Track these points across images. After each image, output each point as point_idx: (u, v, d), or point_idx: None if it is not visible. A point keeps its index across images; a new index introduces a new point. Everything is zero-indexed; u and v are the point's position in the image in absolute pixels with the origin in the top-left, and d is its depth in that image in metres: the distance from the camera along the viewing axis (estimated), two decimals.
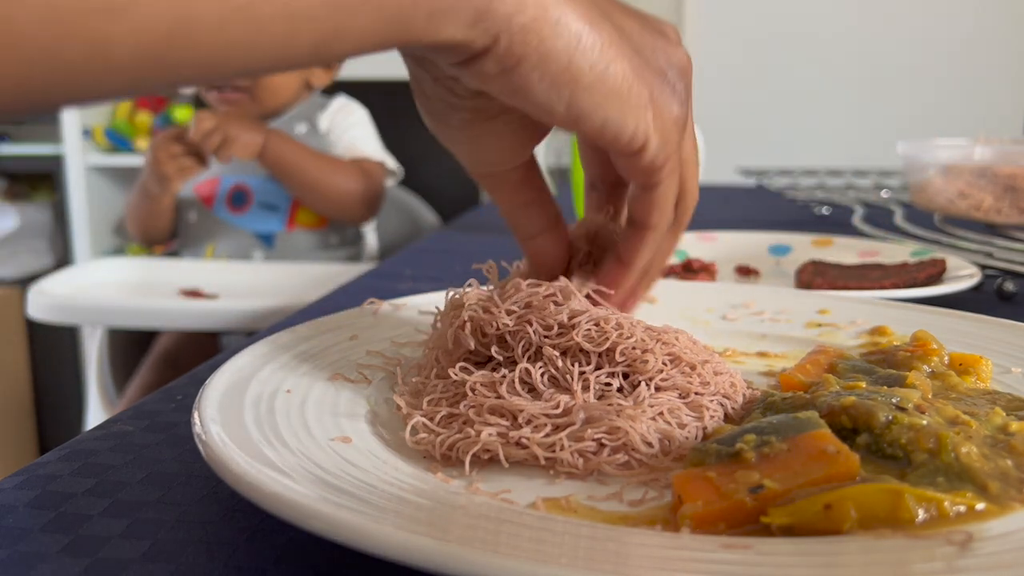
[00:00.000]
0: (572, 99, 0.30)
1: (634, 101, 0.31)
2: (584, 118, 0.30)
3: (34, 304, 1.06)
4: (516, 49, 0.28)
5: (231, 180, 1.48)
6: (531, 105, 0.30)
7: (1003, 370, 0.41)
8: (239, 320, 1.03)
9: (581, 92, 0.30)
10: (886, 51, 2.13)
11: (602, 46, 0.29)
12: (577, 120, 0.30)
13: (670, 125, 0.32)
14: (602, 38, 0.30)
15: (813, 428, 0.29)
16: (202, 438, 0.29)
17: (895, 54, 2.13)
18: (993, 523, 0.25)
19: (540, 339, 0.36)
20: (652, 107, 0.31)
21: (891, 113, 2.12)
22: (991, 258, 0.77)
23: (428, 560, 0.21)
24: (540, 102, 0.30)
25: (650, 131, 0.32)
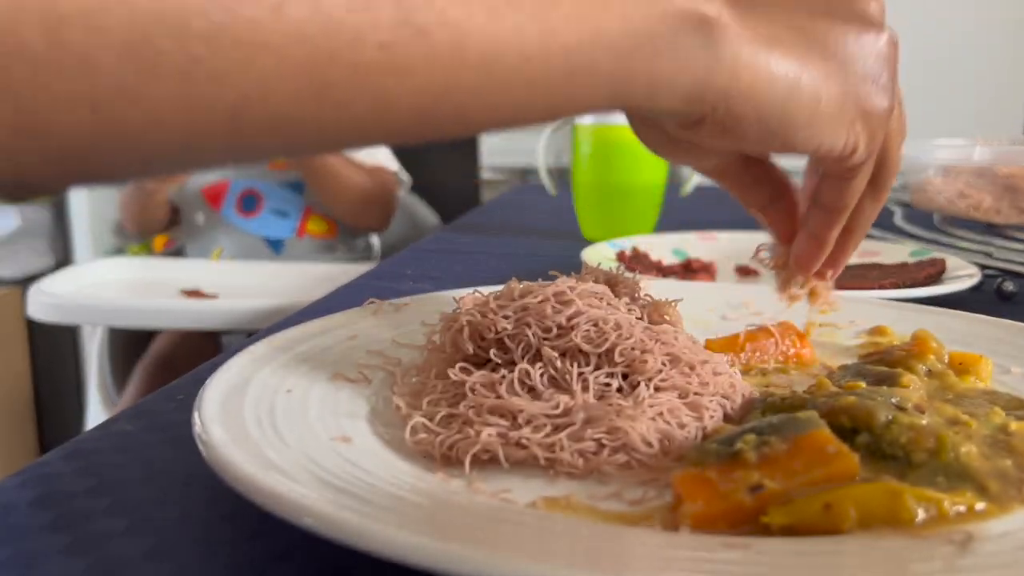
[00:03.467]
0: (787, 138, 0.31)
1: (844, 120, 0.32)
2: (798, 148, 0.32)
3: (34, 304, 1.06)
4: (734, 112, 0.29)
5: (242, 184, 1.48)
6: (747, 148, 0.33)
7: (1003, 370, 0.41)
8: (239, 320, 1.03)
9: (796, 132, 0.31)
10: None
11: (812, 84, 0.31)
12: (790, 150, 0.32)
13: (877, 123, 0.33)
14: (811, 74, 0.31)
15: (813, 428, 0.29)
16: (203, 438, 0.29)
17: None
18: (993, 523, 0.26)
19: (539, 341, 0.36)
20: (860, 116, 0.33)
21: None
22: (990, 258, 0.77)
23: (428, 560, 0.21)
24: (755, 146, 0.32)
25: (859, 139, 0.33)
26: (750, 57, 0.29)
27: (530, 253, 0.89)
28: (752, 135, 0.31)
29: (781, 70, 0.30)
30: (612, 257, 0.75)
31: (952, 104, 2.11)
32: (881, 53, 0.33)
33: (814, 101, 0.31)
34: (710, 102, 0.29)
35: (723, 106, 0.29)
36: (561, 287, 0.37)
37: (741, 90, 0.29)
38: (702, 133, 0.31)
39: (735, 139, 0.31)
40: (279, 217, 1.47)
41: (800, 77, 0.30)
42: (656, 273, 0.72)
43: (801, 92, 0.30)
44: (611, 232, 0.90)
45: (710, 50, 0.28)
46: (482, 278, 0.74)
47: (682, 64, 0.27)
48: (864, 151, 0.34)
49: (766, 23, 0.30)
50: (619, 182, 0.90)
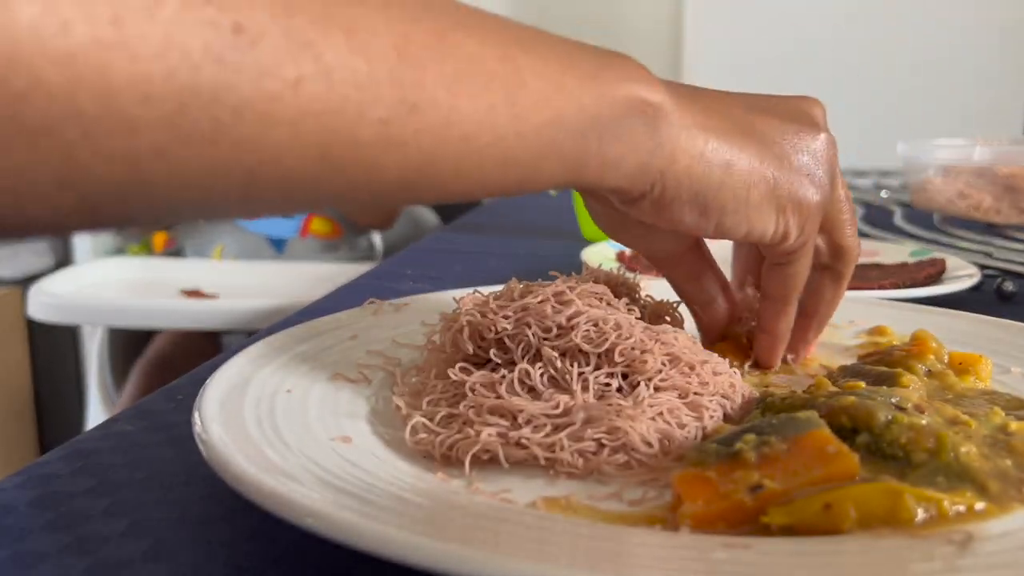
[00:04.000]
0: (719, 222, 0.34)
1: (773, 209, 0.35)
2: (730, 232, 0.35)
3: (34, 304, 1.06)
4: (669, 193, 0.33)
5: None
6: (683, 228, 0.35)
7: (1003, 370, 0.41)
8: (239, 320, 1.03)
9: (727, 216, 0.34)
10: (886, 51, 2.13)
11: (744, 172, 0.34)
12: (724, 234, 0.35)
13: (807, 214, 0.36)
14: (744, 164, 0.34)
15: (813, 428, 0.29)
16: (203, 438, 0.29)
17: (895, 54, 2.13)
18: (993, 523, 0.26)
19: (539, 341, 0.36)
20: (791, 205, 0.35)
21: (891, 113, 2.12)
22: (990, 258, 0.77)
23: (428, 560, 0.21)
24: (690, 228, 0.34)
25: (790, 226, 0.36)
26: (687, 144, 0.32)
27: (530, 253, 0.89)
28: (687, 216, 0.34)
29: (716, 156, 0.33)
30: (612, 257, 0.75)
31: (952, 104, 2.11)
32: (817, 151, 0.36)
33: (744, 189, 0.34)
34: (649, 181, 0.32)
35: (660, 185, 0.32)
36: (561, 287, 0.37)
37: (677, 172, 0.32)
38: (642, 209, 0.34)
39: (671, 219, 0.34)
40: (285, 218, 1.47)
41: (733, 165, 0.33)
42: (656, 273, 0.72)
43: (733, 179, 0.33)
44: None
45: (652, 134, 0.31)
46: (482, 278, 0.74)
47: (627, 146, 0.31)
48: (796, 238, 0.36)
49: (704, 114, 0.33)
50: None
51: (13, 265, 2.25)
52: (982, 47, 2.10)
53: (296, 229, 1.47)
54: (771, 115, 0.36)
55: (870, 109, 2.13)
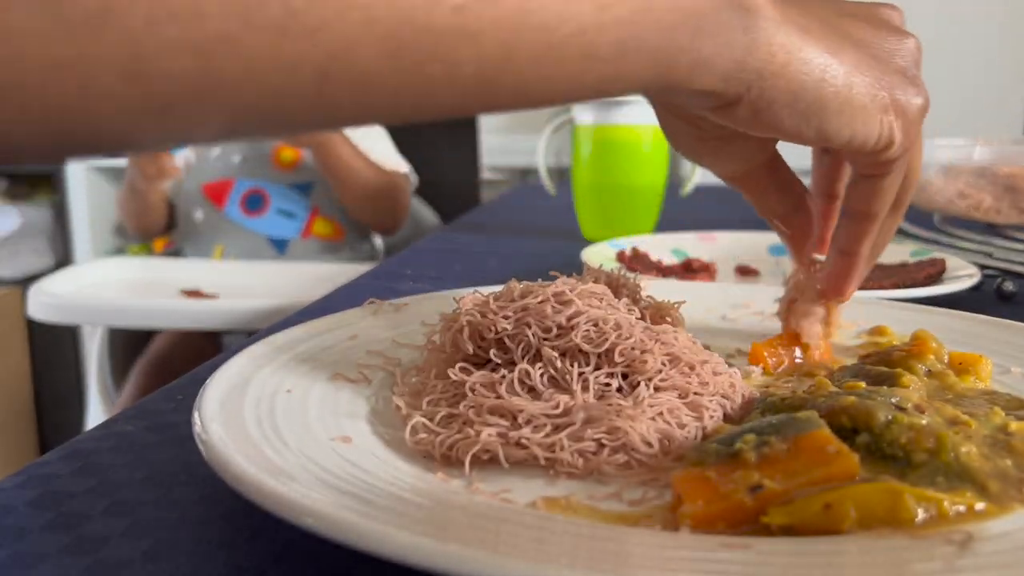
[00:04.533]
0: (820, 125, 0.32)
1: (878, 110, 0.33)
2: (832, 137, 0.33)
3: (34, 304, 1.06)
4: (768, 94, 0.31)
5: (247, 183, 1.47)
6: (781, 134, 0.33)
7: (1003, 370, 0.41)
8: (239, 320, 1.03)
9: (829, 117, 0.32)
10: None
11: (844, 71, 0.32)
12: (826, 139, 0.33)
13: (912, 118, 0.34)
14: (843, 62, 0.32)
15: (813, 428, 0.29)
16: (202, 438, 0.29)
17: None
18: (993, 523, 0.26)
19: (539, 341, 0.36)
20: (894, 108, 0.33)
21: None
22: (991, 258, 0.77)
23: (428, 560, 0.21)
24: (790, 132, 0.32)
25: (895, 131, 0.33)
26: (785, 39, 0.30)
27: (530, 253, 0.89)
28: (786, 120, 0.31)
29: (814, 55, 0.31)
30: (612, 257, 0.75)
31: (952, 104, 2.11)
32: (909, 54, 0.34)
33: (847, 87, 0.32)
34: (745, 82, 0.30)
35: (757, 87, 0.30)
36: (561, 287, 0.37)
37: (775, 71, 0.30)
38: (737, 116, 0.31)
39: (769, 124, 0.32)
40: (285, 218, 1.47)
41: (832, 63, 0.31)
42: (656, 273, 0.72)
43: (834, 77, 0.31)
44: (611, 232, 0.90)
45: (748, 31, 0.29)
46: (482, 278, 0.74)
47: (721, 43, 0.29)
48: (900, 145, 0.34)
49: (800, 14, 0.31)
50: (619, 182, 0.90)
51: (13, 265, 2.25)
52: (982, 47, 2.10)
53: (298, 230, 1.47)
54: (861, 19, 0.34)
55: None
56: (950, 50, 2.11)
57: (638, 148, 0.89)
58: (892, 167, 0.35)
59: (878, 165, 0.35)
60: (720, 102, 0.31)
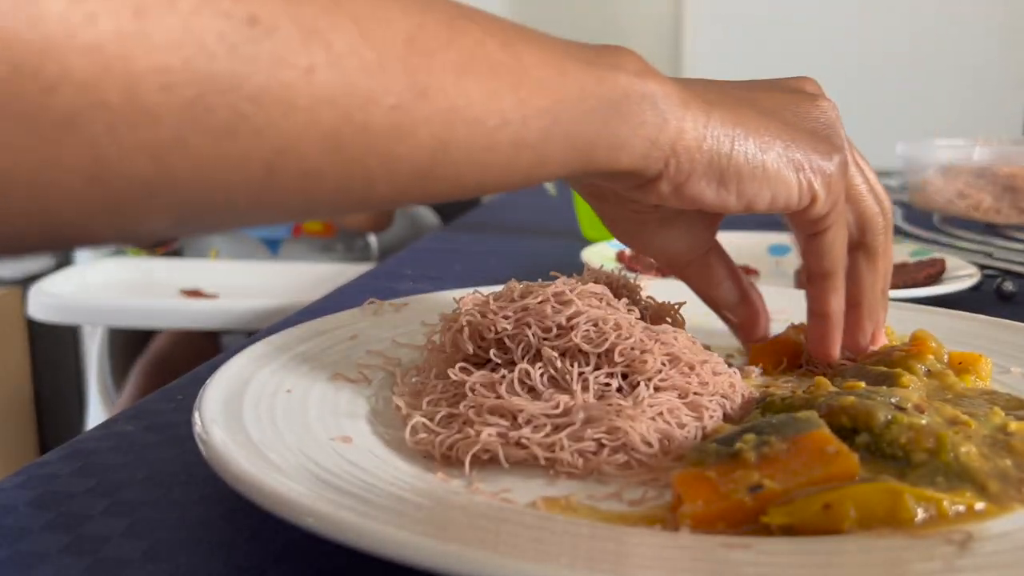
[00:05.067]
0: (740, 191, 0.34)
1: (792, 172, 0.35)
2: (755, 202, 0.35)
3: (34, 304, 1.06)
4: (684, 167, 0.33)
5: None
6: (707, 206, 0.34)
7: (1002, 370, 0.41)
8: (239, 320, 1.03)
9: (746, 183, 0.34)
10: (885, 51, 2.13)
11: (754, 138, 0.34)
12: (749, 205, 0.35)
13: (828, 173, 0.36)
14: (751, 130, 0.34)
15: (813, 428, 0.29)
16: (203, 438, 0.29)
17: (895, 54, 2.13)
18: (993, 523, 0.26)
19: (539, 341, 0.36)
20: (808, 165, 0.35)
21: (891, 113, 2.12)
22: (990, 258, 0.77)
23: (428, 560, 0.21)
24: (713, 203, 0.34)
25: (815, 189, 0.35)
26: (693, 116, 0.32)
27: (530, 253, 0.89)
28: (706, 190, 0.33)
29: (721, 126, 0.33)
30: (612, 257, 0.75)
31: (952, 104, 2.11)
32: (821, 116, 0.36)
33: (758, 151, 0.34)
34: (662, 158, 0.32)
35: (674, 162, 0.32)
36: (561, 287, 0.37)
37: (687, 145, 0.32)
38: (662, 192, 0.33)
39: (692, 196, 0.34)
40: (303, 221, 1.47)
41: (740, 132, 0.33)
42: (656, 273, 0.72)
43: (744, 145, 0.33)
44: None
45: (656, 112, 0.31)
46: (482, 278, 0.74)
47: (635, 123, 0.31)
48: (824, 201, 0.36)
49: (704, 91, 0.33)
50: None
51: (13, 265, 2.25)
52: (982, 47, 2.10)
53: (289, 229, 1.47)
54: (769, 90, 0.36)
55: (870, 109, 2.13)
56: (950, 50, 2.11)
57: None
58: (826, 223, 0.37)
59: (812, 223, 0.37)
60: (642, 180, 0.33)
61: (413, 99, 0.24)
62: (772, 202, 0.35)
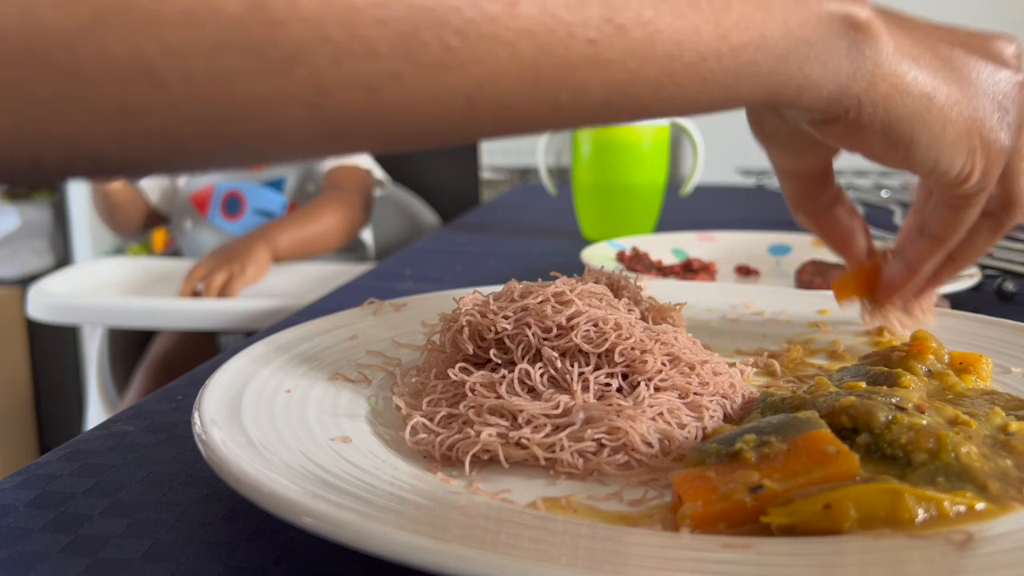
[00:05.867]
0: (907, 154, 0.33)
1: (964, 148, 0.34)
2: (917, 166, 0.34)
3: (34, 304, 1.06)
4: (864, 119, 0.32)
5: (225, 186, 1.48)
6: (868, 155, 0.34)
7: (1003, 370, 0.41)
8: (239, 320, 1.03)
9: (917, 149, 0.33)
10: None
11: (941, 107, 0.33)
12: (909, 166, 0.34)
13: (995, 160, 0.35)
14: (942, 98, 0.33)
15: (813, 428, 0.29)
16: (202, 438, 0.29)
17: None
18: (993, 523, 0.25)
19: (539, 341, 0.36)
20: (981, 147, 0.34)
21: None
22: (991, 258, 0.77)
23: (428, 560, 0.21)
24: (877, 155, 0.34)
25: (975, 168, 0.35)
26: (890, 69, 0.31)
27: (530, 253, 0.89)
28: (876, 145, 0.33)
29: (916, 88, 0.32)
30: (612, 257, 0.75)
31: None
32: (1011, 93, 0.35)
33: (941, 123, 0.33)
34: (846, 105, 0.31)
35: (856, 111, 0.31)
36: (561, 287, 0.37)
37: (875, 100, 0.31)
38: (832, 133, 0.33)
39: (859, 145, 0.33)
40: (263, 217, 1.46)
41: (932, 98, 0.32)
42: (656, 273, 0.72)
43: (930, 113, 0.32)
44: (611, 232, 0.90)
45: (855, 57, 0.30)
46: (482, 278, 0.74)
47: (829, 68, 0.30)
48: (978, 180, 0.35)
49: (910, 41, 0.32)
50: (619, 182, 0.90)
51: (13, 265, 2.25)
52: None
53: None
54: (971, 51, 0.35)
55: None
56: None
57: (638, 148, 0.89)
58: (971, 201, 0.36)
59: (956, 197, 0.36)
60: (819, 118, 0.33)
61: (611, 33, 0.24)
62: (932, 170, 0.34)
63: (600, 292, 0.39)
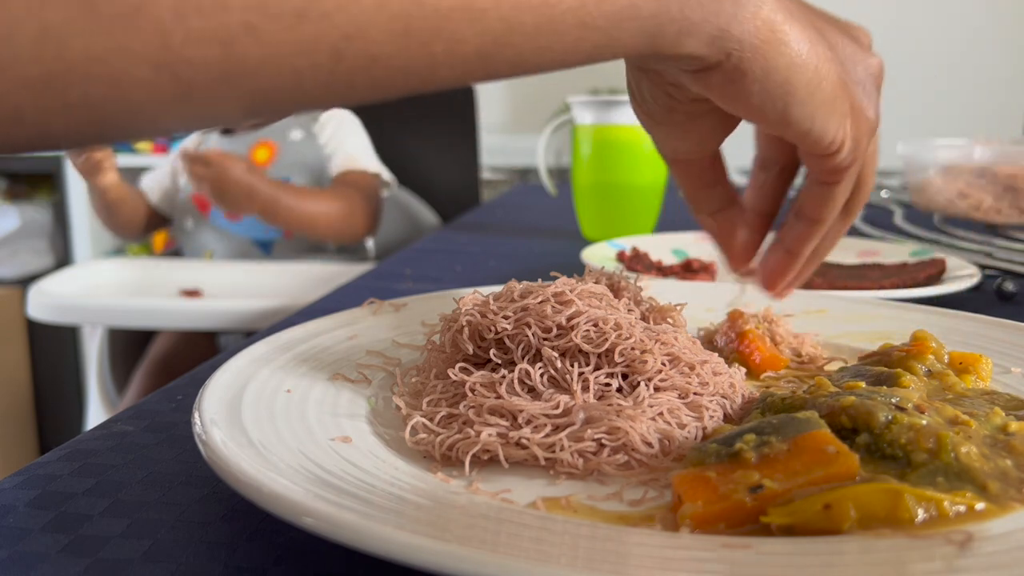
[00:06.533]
0: (785, 109, 0.33)
1: (838, 111, 0.34)
2: (792, 124, 0.34)
3: (34, 304, 1.06)
4: (743, 65, 0.32)
5: None
6: (745, 111, 0.34)
7: (1003, 370, 0.41)
8: (239, 320, 1.03)
9: (794, 104, 0.33)
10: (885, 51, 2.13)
11: (817, 63, 0.33)
12: (785, 125, 0.34)
13: (863, 131, 0.35)
14: (817, 55, 0.33)
15: (813, 428, 0.29)
16: (202, 438, 0.29)
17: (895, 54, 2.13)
18: (993, 523, 0.25)
19: (539, 341, 0.36)
20: (852, 113, 0.35)
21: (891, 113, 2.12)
22: (991, 258, 0.77)
23: (428, 560, 0.21)
24: (755, 110, 0.33)
25: (847, 137, 0.35)
26: (770, 16, 0.31)
27: (530, 253, 0.89)
28: (755, 95, 0.32)
29: (794, 39, 0.32)
30: (612, 257, 0.75)
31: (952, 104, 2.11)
32: (874, 72, 0.36)
33: (816, 79, 0.33)
34: (726, 49, 0.31)
35: (736, 56, 0.31)
36: (561, 288, 0.37)
37: (755, 45, 0.31)
38: (711, 82, 0.33)
39: (738, 96, 0.33)
40: None
41: (809, 52, 0.32)
42: (656, 273, 0.72)
43: (806, 65, 0.32)
44: (611, 232, 0.90)
45: (736, 2, 0.30)
46: (482, 278, 0.74)
47: (709, 11, 0.30)
48: (850, 151, 0.35)
49: None
50: (619, 182, 0.90)
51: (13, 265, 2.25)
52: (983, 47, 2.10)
53: (281, 230, 1.47)
54: (836, 28, 0.36)
55: None
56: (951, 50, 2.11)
57: (638, 148, 0.89)
58: (843, 175, 0.37)
59: (829, 172, 0.37)
60: (699, 66, 0.32)
61: None
62: (807, 133, 0.34)
63: (600, 292, 0.39)
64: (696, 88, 0.34)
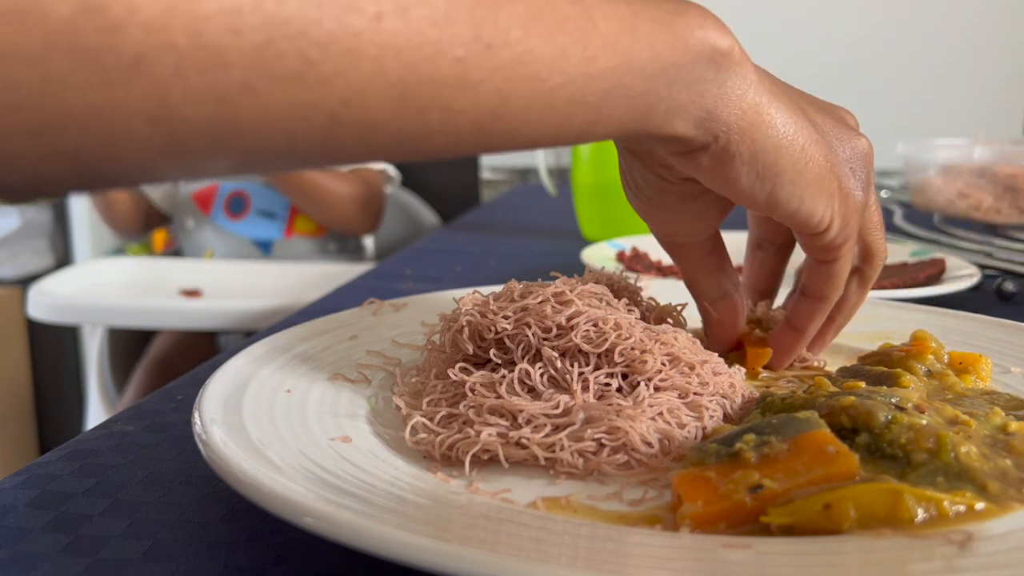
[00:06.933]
0: (773, 191, 0.34)
1: (825, 191, 0.35)
2: (780, 205, 0.34)
3: (34, 304, 1.06)
4: (731, 148, 0.32)
5: (229, 186, 1.48)
6: (734, 193, 0.34)
7: (1003, 370, 0.41)
8: (239, 320, 1.03)
9: (782, 185, 0.34)
10: (885, 51, 2.13)
11: (803, 144, 0.34)
12: (773, 206, 0.34)
13: (852, 210, 0.36)
14: (803, 136, 0.34)
15: (813, 428, 0.29)
16: (202, 438, 0.29)
17: (895, 53, 2.13)
18: (993, 523, 0.26)
19: (539, 341, 0.36)
20: (840, 194, 0.35)
21: (891, 113, 2.12)
22: (991, 258, 0.77)
23: (428, 560, 0.21)
24: (743, 191, 0.34)
25: (835, 216, 0.35)
26: (755, 99, 0.32)
27: (530, 253, 0.89)
28: (743, 177, 0.33)
29: (779, 121, 0.33)
30: (612, 257, 0.75)
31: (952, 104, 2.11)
32: (859, 151, 0.36)
33: (803, 160, 0.34)
34: (713, 132, 0.32)
35: (724, 138, 0.32)
36: (561, 288, 0.37)
37: (742, 127, 0.32)
38: (700, 164, 0.33)
39: (727, 178, 0.33)
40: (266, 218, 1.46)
41: (795, 134, 0.33)
42: (656, 273, 0.72)
43: (793, 147, 0.33)
44: (611, 232, 0.90)
45: (721, 83, 0.31)
46: (482, 278, 0.74)
47: (696, 92, 0.30)
48: (838, 230, 0.36)
49: (769, 80, 0.33)
50: (619, 182, 0.90)
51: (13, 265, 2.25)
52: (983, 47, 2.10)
53: (281, 230, 1.47)
54: (821, 110, 0.36)
55: (870, 109, 2.13)
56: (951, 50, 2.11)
57: None
58: (837, 253, 0.37)
59: (822, 250, 0.37)
60: (688, 148, 0.33)
61: (479, 52, 0.24)
62: (795, 212, 0.35)
63: (600, 292, 0.39)
64: (686, 171, 0.34)
